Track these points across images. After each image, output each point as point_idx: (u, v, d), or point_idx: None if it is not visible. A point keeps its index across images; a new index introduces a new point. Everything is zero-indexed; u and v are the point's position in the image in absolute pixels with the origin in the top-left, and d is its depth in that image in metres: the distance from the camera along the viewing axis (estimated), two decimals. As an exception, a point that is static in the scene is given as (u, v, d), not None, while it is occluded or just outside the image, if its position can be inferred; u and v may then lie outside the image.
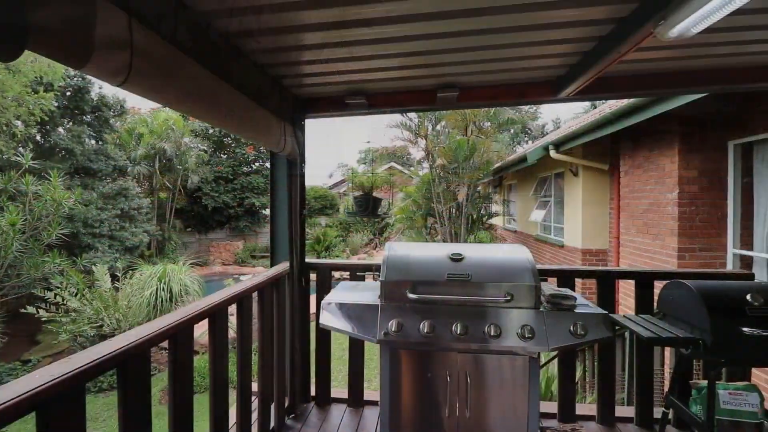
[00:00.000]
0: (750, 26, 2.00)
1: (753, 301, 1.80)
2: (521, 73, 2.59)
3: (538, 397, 1.94)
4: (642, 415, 2.47)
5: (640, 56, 2.35)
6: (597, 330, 1.84)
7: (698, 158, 4.73)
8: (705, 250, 4.65)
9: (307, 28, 1.89)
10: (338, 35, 1.94)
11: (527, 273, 1.96)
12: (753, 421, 1.89)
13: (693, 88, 2.74)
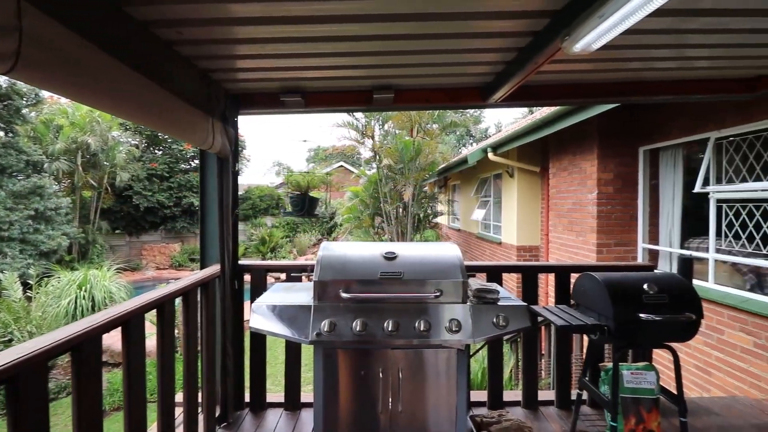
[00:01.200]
0: (655, 45, 2.25)
1: (649, 290, 2.03)
2: (453, 78, 2.70)
3: (466, 387, 2.04)
4: (561, 397, 2.69)
5: (559, 68, 2.55)
6: (518, 321, 1.97)
7: (614, 162, 5.23)
8: (620, 245, 5.17)
9: (236, 22, 1.82)
10: (269, 31, 1.90)
11: (456, 270, 2.05)
12: (650, 397, 2.12)
13: (607, 98, 3.03)
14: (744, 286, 3.84)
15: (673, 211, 4.68)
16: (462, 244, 12.34)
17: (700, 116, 4.17)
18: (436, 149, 12.53)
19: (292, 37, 1.97)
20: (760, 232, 3.63)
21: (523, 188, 7.71)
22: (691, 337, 2.04)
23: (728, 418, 2.67)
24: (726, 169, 4.01)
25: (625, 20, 1.36)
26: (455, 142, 32.99)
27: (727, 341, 3.70)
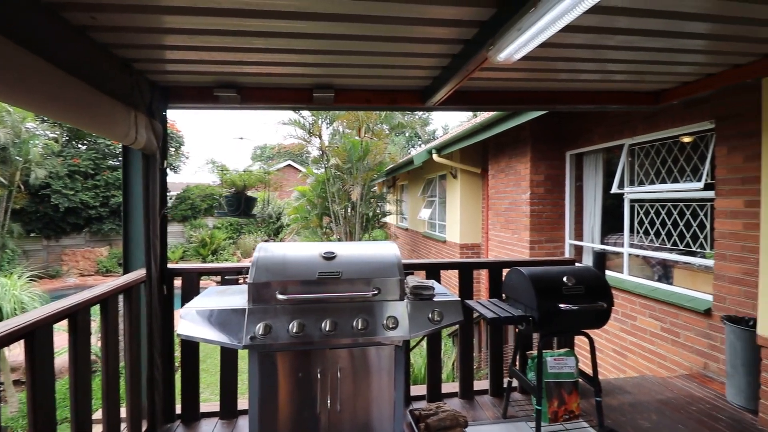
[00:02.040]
0: (580, 59, 2.45)
1: (568, 282, 2.22)
2: (394, 80, 2.75)
3: (404, 383, 2.09)
4: (495, 386, 2.84)
5: (493, 75, 2.69)
6: (452, 315, 2.05)
7: (545, 165, 5.63)
8: (550, 241, 5.57)
9: (160, 10, 1.71)
10: (198, 22, 1.80)
11: (394, 268, 2.09)
12: (570, 380, 2.32)
13: (537, 105, 3.25)
14: (653, 277, 4.32)
15: (595, 210, 5.14)
16: (410, 243, 12.59)
17: (617, 124, 4.62)
18: (385, 150, 12.66)
19: (223, 30, 1.89)
20: (665, 228, 4.10)
21: (466, 189, 8.04)
22: (604, 324, 2.25)
23: (638, 395, 2.99)
24: (638, 172, 4.48)
25: (539, 34, 1.47)
26: (405, 144, 33.56)
27: (639, 326, 4.14)
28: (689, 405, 2.85)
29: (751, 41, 2.17)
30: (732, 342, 2.87)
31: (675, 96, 3.06)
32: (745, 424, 2.60)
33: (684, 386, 3.16)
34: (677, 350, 3.68)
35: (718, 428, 2.55)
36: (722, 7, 1.77)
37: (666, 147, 4.15)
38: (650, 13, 1.82)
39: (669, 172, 4.09)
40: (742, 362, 2.80)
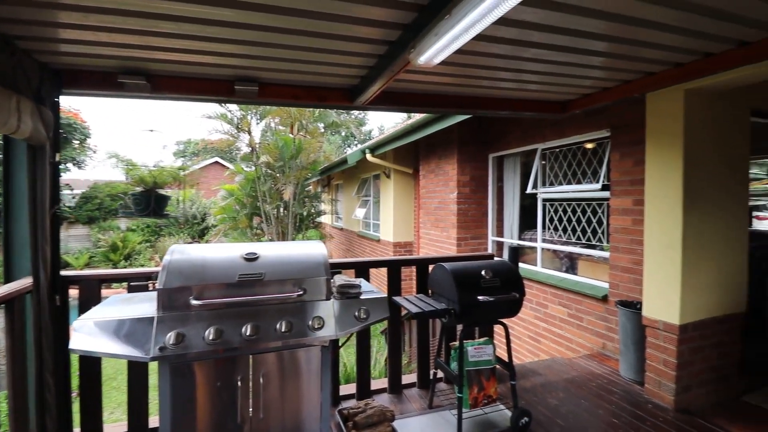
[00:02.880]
0: (500, 68, 2.63)
1: (486, 275, 2.37)
2: (322, 77, 2.71)
3: (331, 383, 2.07)
4: (422, 378, 2.95)
5: (420, 78, 2.77)
6: (378, 312, 2.08)
7: (470, 166, 5.96)
8: (475, 238, 5.91)
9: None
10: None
11: (320, 267, 2.06)
12: (489, 367, 2.48)
13: (462, 109, 3.40)
14: (561, 269, 4.78)
15: (514, 209, 5.57)
16: (345, 242, 12.56)
17: (531, 130, 5.04)
18: (320, 148, 12.48)
19: (124, 10, 1.72)
20: (571, 225, 4.56)
21: (399, 188, 8.22)
22: (517, 313, 2.44)
23: (548, 376, 3.29)
24: (548, 174, 4.93)
25: (454, 41, 1.54)
26: (341, 143, 33.40)
27: (550, 313, 4.56)
28: (590, 381, 3.21)
29: (638, 60, 2.50)
30: (623, 323, 3.29)
31: (578, 106, 3.42)
32: (633, 395, 2.99)
33: (586, 365, 3.55)
34: (581, 333, 4.12)
35: (612, 400, 2.91)
36: (616, 28, 2.02)
37: (572, 152, 4.62)
38: (558, 30, 2.03)
39: (574, 175, 4.57)
40: (632, 341, 3.22)
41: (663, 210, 2.87)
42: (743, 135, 3.08)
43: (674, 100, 2.82)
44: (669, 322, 2.80)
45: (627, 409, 2.77)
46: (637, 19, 1.92)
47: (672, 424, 2.58)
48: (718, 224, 2.91)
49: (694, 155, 2.79)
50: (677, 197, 2.77)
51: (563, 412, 2.69)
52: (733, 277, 3.01)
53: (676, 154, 2.79)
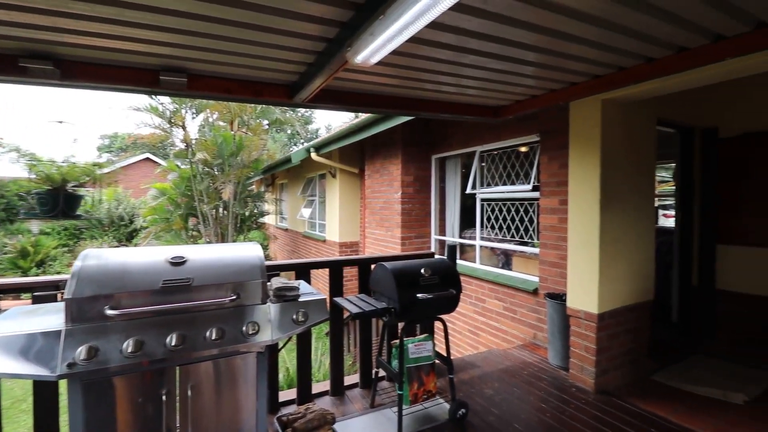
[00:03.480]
0: (442, 72, 2.70)
1: (425, 273, 2.42)
2: (258, 72, 2.60)
3: (268, 390, 1.99)
4: (364, 378, 2.95)
5: (362, 78, 2.76)
6: (317, 314, 2.04)
7: (414, 167, 6.08)
8: (419, 237, 6.04)
9: None
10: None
11: (256, 270, 1.98)
12: (428, 363, 2.54)
13: (405, 111, 3.44)
14: (498, 265, 5.04)
15: (455, 208, 5.77)
16: (290, 243, 12.23)
17: (470, 133, 5.25)
18: (263, 146, 12.02)
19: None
20: (506, 223, 4.83)
21: (345, 188, 8.16)
22: (455, 309, 2.52)
23: (485, 368, 3.45)
24: (486, 175, 5.17)
25: (389, 42, 1.56)
26: (286, 141, 32.50)
27: (488, 308, 4.79)
28: (522, 370, 3.41)
29: (563, 71, 2.70)
30: (551, 314, 3.54)
31: (510, 111, 3.62)
32: (560, 380, 3.23)
33: (519, 355, 3.77)
34: (515, 325, 4.37)
35: (541, 386, 3.11)
36: (544, 41, 2.17)
37: (507, 154, 4.89)
38: (494, 38, 2.14)
39: (509, 176, 4.83)
40: (558, 330, 3.48)
41: (583, 209, 3.14)
42: (651, 141, 3.46)
43: (593, 109, 3.09)
44: (589, 311, 3.07)
45: (554, 393, 2.99)
46: (563, 33, 2.07)
47: (592, 405, 2.82)
48: (630, 222, 3.24)
49: (609, 159, 3.08)
50: (595, 197, 3.04)
51: (497, 401, 2.83)
52: (643, 269, 3.37)
53: (595, 158, 3.06)
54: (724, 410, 2.78)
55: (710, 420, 2.65)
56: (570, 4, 1.79)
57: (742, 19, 1.94)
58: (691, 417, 2.68)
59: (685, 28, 2.03)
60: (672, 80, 2.61)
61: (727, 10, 1.84)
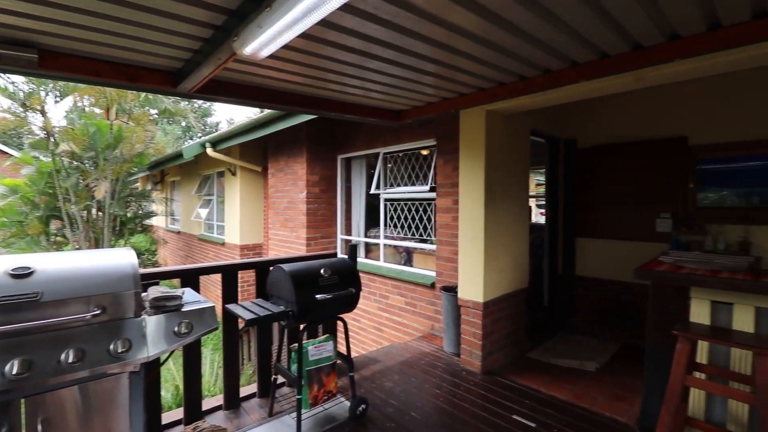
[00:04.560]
0: (348, 74, 2.71)
1: (324, 273, 2.40)
2: (135, 54, 2.30)
3: (144, 413, 1.77)
4: (262, 387, 2.82)
5: (262, 72, 2.62)
6: (205, 324, 1.88)
7: (320, 166, 6.01)
8: (325, 237, 6.00)
9: None
10: None
11: (128, 279, 1.74)
12: (329, 363, 2.53)
13: (308, 109, 3.36)
14: (400, 262, 5.26)
15: (360, 208, 5.86)
16: (183, 248, 11.09)
17: (374, 135, 5.38)
18: (150, 138, 10.70)
19: None
20: (407, 222, 5.07)
21: (246, 187, 7.71)
22: (354, 307, 2.56)
23: (386, 362, 3.57)
24: (389, 176, 5.36)
25: (279, 36, 1.51)
26: (181, 134, 29.39)
27: (391, 304, 4.97)
28: (420, 360, 3.62)
29: (455, 82, 2.93)
30: (446, 306, 3.82)
31: (410, 116, 3.81)
32: (452, 365, 3.50)
33: (418, 346, 3.99)
34: (415, 318, 4.62)
35: (436, 373, 3.34)
36: (440, 54, 2.36)
37: (407, 156, 5.13)
38: (396, 47, 2.25)
39: (410, 177, 5.08)
40: (451, 320, 3.76)
41: (471, 208, 3.45)
42: (526, 149, 3.95)
43: (479, 118, 3.41)
44: (476, 300, 3.38)
45: (447, 378, 3.23)
46: (454, 48, 2.27)
47: (479, 385, 3.11)
48: (509, 219, 3.65)
49: (492, 163, 3.43)
50: (480, 197, 3.36)
51: (397, 393, 2.95)
52: (520, 261, 3.83)
53: (480, 161, 3.38)
54: (581, 377, 3.31)
55: (569, 387, 3.13)
56: (460, 23, 1.96)
57: (590, 49, 2.32)
58: (556, 386, 3.14)
59: (549, 53, 2.36)
60: (541, 97, 3.01)
61: (579, 41, 2.19)
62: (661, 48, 2.21)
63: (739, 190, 3.65)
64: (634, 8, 1.83)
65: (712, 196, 3.79)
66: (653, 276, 2.30)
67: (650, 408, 2.38)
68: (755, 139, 3.46)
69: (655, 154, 4.04)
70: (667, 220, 3.94)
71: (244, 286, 7.34)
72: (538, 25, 2.01)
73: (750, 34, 1.93)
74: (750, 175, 3.59)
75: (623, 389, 3.08)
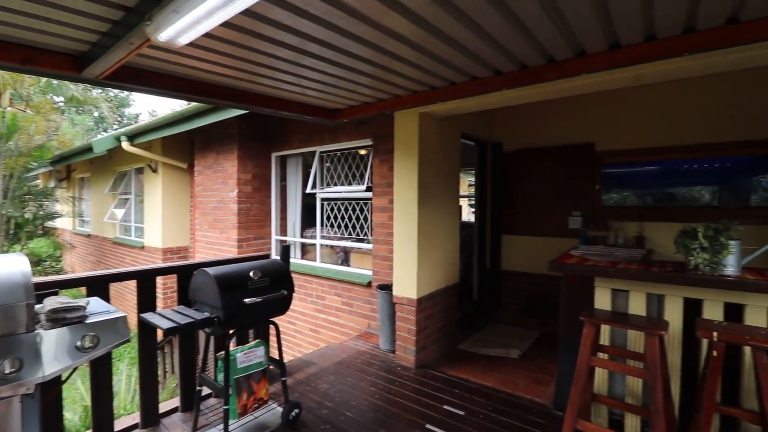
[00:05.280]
0: (282, 70, 2.60)
1: (254, 276, 2.30)
2: (29, 33, 2.01)
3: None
4: (186, 400, 2.62)
5: (183, 61, 2.43)
6: (113, 336, 1.70)
7: (252, 164, 5.75)
8: (257, 239, 5.76)
9: None
10: None
11: (18, 290, 1.52)
12: (259, 369, 2.43)
13: (237, 103, 3.17)
14: (338, 262, 5.23)
15: (296, 208, 5.72)
16: (94, 252, 9.95)
17: (311, 133, 5.28)
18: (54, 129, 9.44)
19: None
20: (344, 222, 5.05)
21: (170, 185, 7.13)
22: (287, 309, 2.49)
23: (321, 363, 3.53)
24: (326, 175, 5.29)
25: (198, 23, 1.41)
26: (94, 126, 26.30)
27: (328, 304, 4.92)
28: (356, 359, 3.62)
29: (390, 84, 2.97)
30: (381, 304, 3.87)
31: (346, 115, 3.79)
32: (388, 362, 3.56)
33: (355, 345, 4.00)
34: (352, 318, 4.62)
35: (372, 371, 3.37)
36: (375, 55, 2.38)
37: (344, 156, 5.11)
38: (332, 46, 2.23)
39: (346, 177, 5.07)
40: (387, 317, 3.82)
41: (405, 207, 3.53)
42: (457, 151, 4.13)
43: (412, 120, 3.50)
44: (410, 297, 3.48)
45: (383, 375, 3.28)
46: (388, 51, 2.32)
47: (413, 379, 3.20)
48: (441, 217, 3.80)
49: (425, 164, 3.54)
50: (414, 197, 3.46)
51: (332, 394, 2.93)
52: (451, 257, 4.01)
53: (413, 162, 3.48)
54: (506, 364, 3.56)
55: (496, 374, 3.34)
56: (393, 27, 2.01)
57: (512, 60, 2.49)
58: (484, 374, 3.33)
59: (476, 61, 2.49)
60: (469, 101, 3.16)
61: (501, 52, 2.34)
62: (571, 62, 2.44)
63: (637, 191, 4.17)
64: (549, 26, 2.00)
65: (615, 196, 4.28)
66: (564, 268, 2.54)
67: (563, 388, 2.63)
68: (649, 146, 3.98)
69: (568, 158, 4.46)
70: (578, 218, 4.38)
71: (168, 293, 6.81)
72: (466, 35, 2.11)
73: (642, 55, 2.21)
74: (644, 178, 4.12)
75: (541, 373, 3.36)
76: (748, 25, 1.92)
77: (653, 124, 3.95)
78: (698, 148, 3.76)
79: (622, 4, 1.77)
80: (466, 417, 2.64)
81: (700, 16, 1.89)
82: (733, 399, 2.14)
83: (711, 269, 2.11)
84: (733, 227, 2.10)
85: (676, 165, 3.94)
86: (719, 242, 2.07)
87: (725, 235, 2.07)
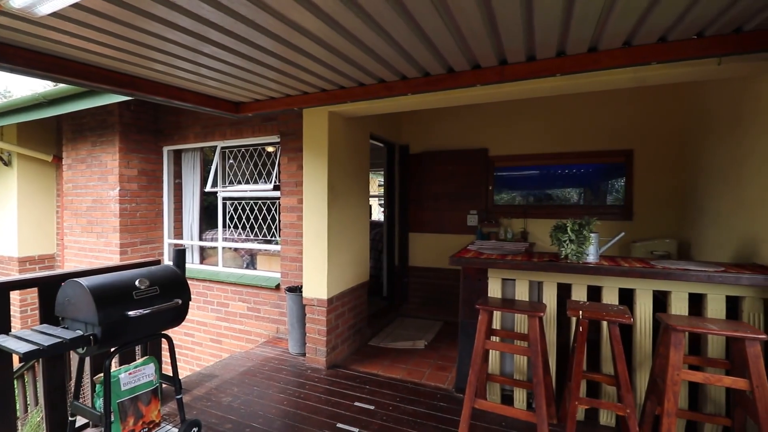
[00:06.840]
0: (179, 56, 2.38)
1: (140, 285, 2.04)
2: None
3: None
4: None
5: (50, 35, 2.08)
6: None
7: (138, 158, 5.09)
8: (146, 243, 5.12)
9: None
10: None
11: None
12: (149, 389, 2.17)
13: (121, 89, 2.76)
14: (242, 265, 4.92)
15: (194, 208, 5.23)
16: None
17: (211, 126, 4.86)
18: None
19: None
20: (249, 222, 4.77)
21: (29, 181, 5.95)
22: (183, 320, 2.26)
23: (224, 375, 3.29)
24: (228, 172, 4.94)
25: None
26: None
27: (231, 311, 4.60)
28: (263, 366, 3.46)
29: (298, 80, 2.88)
30: (290, 306, 3.75)
31: (250, 109, 3.58)
32: (298, 366, 3.47)
33: (262, 352, 3.81)
34: (259, 323, 4.39)
35: (281, 377, 3.25)
36: (283, 50, 2.29)
37: (249, 153, 4.82)
38: (234, 35, 2.09)
39: (252, 175, 4.79)
40: (297, 320, 3.72)
41: (315, 206, 3.48)
42: (366, 151, 4.20)
43: (321, 118, 3.46)
44: (320, 298, 3.43)
45: (292, 380, 3.18)
46: (296, 46, 2.26)
47: (324, 380, 3.17)
48: (351, 216, 3.83)
49: (335, 163, 3.53)
50: (323, 196, 3.43)
51: (236, 406, 2.75)
52: (361, 256, 4.06)
53: (323, 160, 3.44)
54: (413, 356, 3.73)
55: (404, 366, 3.49)
56: (298, 20, 1.95)
57: (416, 67, 2.61)
58: (393, 367, 3.45)
59: (383, 65, 2.56)
60: (377, 103, 3.24)
61: (406, 58, 2.44)
62: (468, 74, 2.66)
63: (522, 192, 4.73)
64: (448, 38, 2.15)
65: (505, 196, 4.80)
66: (462, 262, 2.76)
67: (463, 372, 2.86)
68: (532, 153, 4.54)
69: (466, 161, 4.86)
70: (475, 216, 4.81)
71: (28, 310, 5.68)
72: (374, 39, 2.16)
73: (525, 72, 2.50)
74: (528, 180, 4.70)
75: (445, 360, 3.60)
76: (604, 53, 2.31)
77: (535, 133, 4.52)
78: (568, 156, 4.42)
79: (508, 22, 1.97)
80: (375, 411, 2.70)
81: (568, 43, 2.22)
82: (596, 366, 2.56)
83: (577, 258, 2.49)
84: (593, 222, 2.51)
85: (552, 170, 4.57)
86: (583, 235, 2.45)
87: (587, 229, 2.46)
